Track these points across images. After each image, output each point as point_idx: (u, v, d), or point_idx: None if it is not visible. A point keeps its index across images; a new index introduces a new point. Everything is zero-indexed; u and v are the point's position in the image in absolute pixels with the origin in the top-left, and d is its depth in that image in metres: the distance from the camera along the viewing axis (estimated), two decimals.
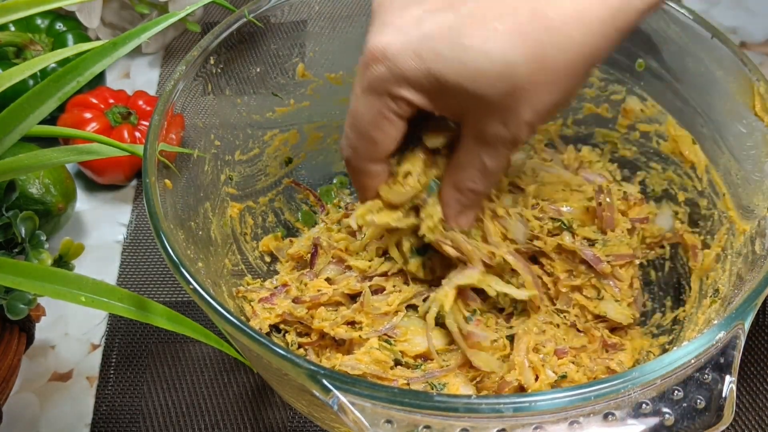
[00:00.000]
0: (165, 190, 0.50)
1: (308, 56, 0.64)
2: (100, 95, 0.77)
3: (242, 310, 0.58)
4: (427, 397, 0.37)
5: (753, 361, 0.62)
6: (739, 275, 0.49)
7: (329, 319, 0.57)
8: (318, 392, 0.38)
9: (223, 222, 0.60)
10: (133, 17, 0.88)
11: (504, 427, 0.37)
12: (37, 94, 0.48)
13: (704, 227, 0.58)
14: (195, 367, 0.64)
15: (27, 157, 0.51)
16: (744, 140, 0.52)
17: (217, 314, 0.42)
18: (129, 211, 0.76)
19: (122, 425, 0.62)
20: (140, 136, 0.75)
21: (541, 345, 0.55)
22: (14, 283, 0.45)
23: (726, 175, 0.55)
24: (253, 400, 0.62)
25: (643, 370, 0.37)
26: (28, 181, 0.67)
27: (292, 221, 0.68)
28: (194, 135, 0.57)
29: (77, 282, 0.46)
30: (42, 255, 0.51)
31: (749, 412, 0.60)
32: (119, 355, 0.66)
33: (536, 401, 0.36)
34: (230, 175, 0.61)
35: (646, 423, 0.37)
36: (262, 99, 0.63)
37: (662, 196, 0.63)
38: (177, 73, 0.54)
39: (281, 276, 0.63)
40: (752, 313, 0.40)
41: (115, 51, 0.50)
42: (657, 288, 0.61)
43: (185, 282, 0.44)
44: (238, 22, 0.58)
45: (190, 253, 0.50)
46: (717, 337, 0.39)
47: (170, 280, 0.70)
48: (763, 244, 0.47)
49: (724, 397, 0.37)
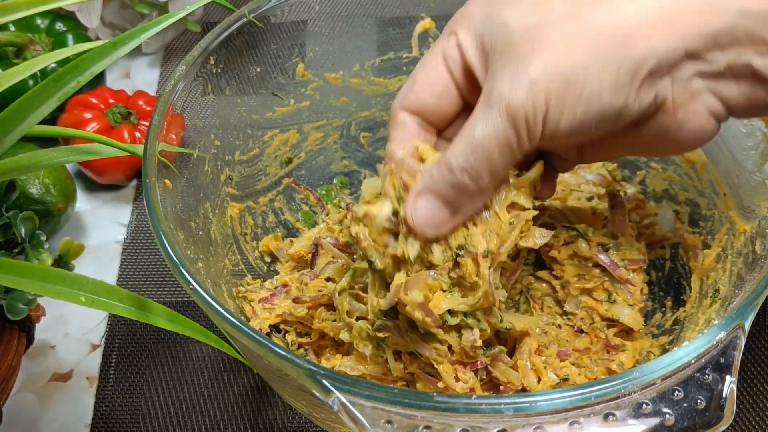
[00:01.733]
0: (165, 190, 0.50)
1: (308, 56, 0.64)
2: (100, 95, 0.77)
3: (242, 311, 0.58)
4: (427, 397, 0.37)
5: (753, 362, 0.62)
6: (739, 275, 0.49)
7: (329, 319, 0.57)
8: (318, 392, 0.38)
9: (223, 222, 0.60)
10: (133, 17, 0.88)
11: (504, 428, 0.37)
12: (37, 94, 0.48)
13: (705, 227, 0.58)
14: (195, 367, 0.64)
15: (27, 157, 0.51)
16: (744, 140, 0.52)
17: (217, 314, 0.42)
18: (129, 211, 0.76)
19: (122, 425, 0.62)
20: (140, 136, 0.75)
21: (543, 347, 0.55)
22: (14, 283, 0.45)
23: (726, 175, 0.55)
24: (253, 400, 0.62)
25: (643, 371, 0.37)
26: (28, 181, 0.67)
27: (292, 221, 0.68)
28: (194, 135, 0.57)
29: (77, 282, 0.46)
30: (42, 255, 0.51)
31: (750, 413, 0.59)
32: (119, 356, 0.66)
33: (537, 401, 0.36)
34: (230, 175, 0.61)
35: (646, 423, 0.37)
36: (262, 99, 0.63)
37: (662, 196, 0.63)
38: (177, 73, 0.54)
39: (281, 276, 0.63)
40: (753, 313, 0.40)
41: (115, 51, 0.50)
42: (657, 288, 0.61)
43: (185, 282, 0.44)
44: (238, 22, 0.58)
45: (190, 253, 0.50)
46: (717, 338, 0.39)
47: (170, 280, 0.70)
48: (763, 244, 0.47)
49: (724, 397, 0.37)
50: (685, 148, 0.44)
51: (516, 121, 0.39)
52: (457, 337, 0.49)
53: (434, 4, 0.64)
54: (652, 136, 0.42)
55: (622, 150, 0.48)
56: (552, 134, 0.40)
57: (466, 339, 0.49)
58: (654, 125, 0.42)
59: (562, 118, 0.39)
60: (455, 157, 0.41)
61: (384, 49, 0.66)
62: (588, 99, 0.39)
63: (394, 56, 0.66)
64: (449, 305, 0.47)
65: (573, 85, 0.38)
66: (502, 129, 0.40)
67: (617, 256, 0.58)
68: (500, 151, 0.40)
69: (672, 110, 0.41)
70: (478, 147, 0.40)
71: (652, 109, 0.40)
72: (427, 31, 0.65)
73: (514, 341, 0.55)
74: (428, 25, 0.64)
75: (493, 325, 0.50)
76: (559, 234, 0.59)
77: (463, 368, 0.50)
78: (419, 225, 0.44)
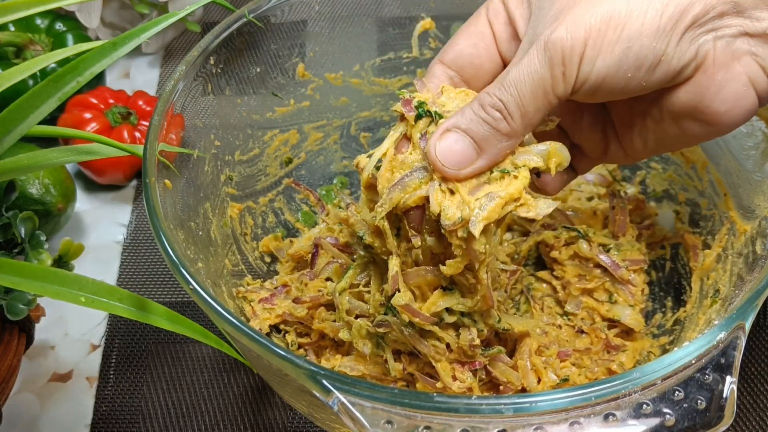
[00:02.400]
0: (165, 190, 0.50)
1: (308, 56, 0.64)
2: (100, 95, 0.77)
3: (242, 311, 0.58)
4: (427, 397, 0.37)
5: (754, 362, 0.62)
6: (739, 275, 0.49)
7: (329, 319, 0.57)
8: (318, 393, 0.38)
9: (223, 222, 0.60)
10: (133, 17, 0.87)
11: (504, 428, 0.37)
12: (37, 94, 0.48)
13: (705, 227, 0.58)
14: (195, 367, 0.64)
15: (27, 157, 0.51)
16: (744, 140, 0.52)
17: (217, 314, 0.42)
18: (129, 212, 0.76)
19: (122, 426, 0.62)
20: (140, 136, 0.75)
21: (544, 347, 0.55)
22: (14, 284, 0.45)
23: (727, 175, 0.55)
24: (253, 400, 0.62)
25: (643, 371, 0.37)
26: (27, 181, 0.67)
27: (292, 221, 0.68)
28: (194, 135, 0.57)
29: (77, 282, 0.46)
30: (42, 255, 0.51)
31: (750, 413, 0.59)
32: (119, 356, 0.66)
33: (537, 402, 0.36)
34: (230, 175, 0.61)
35: (646, 423, 0.37)
36: (262, 99, 0.63)
37: (663, 196, 0.63)
38: (177, 73, 0.54)
39: (281, 276, 0.63)
40: (753, 313, 0.40)
41: (115, 51, 0.50)
42: (658, 288, 0.61)
43: (185, 282, 0.44)
44: (238, 22, 0.58)
45: (190, 253, 0.50)
46: (718, 338, 0.39)
47: (170, 280, 0.70)
48: (764, 244, 0.47)
49: (724, 397, 0.37)
50: (720, 121, 0.41)
51: (553, 58, 0.39)
52: (455, 336, 0.49)
53: (434, 4, 0.64)
54: (686, 103, 0.41)
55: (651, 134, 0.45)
56: (586, 77, 0.39)
57: (464, 338, 0.49)
58: (691, 89, 0.40)
59: (599, 57, 0.39)
60: (488, 95, 0.41)
61: (384, 49, 0.66)
62: (628, 38, 0.38)
63: (394, 56, 0.66)
64: (447, 304, 0.47)
65: (614, 25, 0.38)
66: (537, 65, 0.39)
67: (618, 256, 0.58)
68: (533, 90, 0.40)
69: (712, 69, 0.40)
70: (512, 84, 0.40)
71: (691, 69, 0.40)
72: (427, 31, 0.65)
73: (514, 341, 0.55)
74: (428, 25, 0.64)
75: (491, 325, 0.50)
76: (560, 234, 0.59)
77: (461, 367, 0.50)
78: (441, 159, 0.42)
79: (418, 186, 0.43)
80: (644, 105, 0.43)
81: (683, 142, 0.45)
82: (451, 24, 0.64)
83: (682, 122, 0.43)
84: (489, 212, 0.41)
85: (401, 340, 0.50)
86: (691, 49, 0.39)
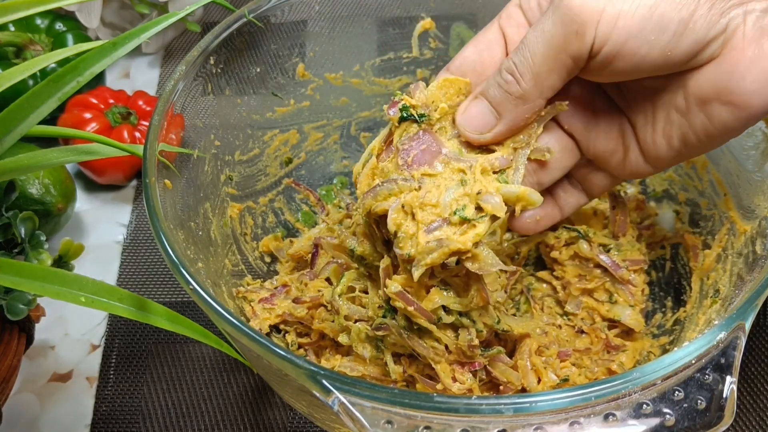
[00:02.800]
0: (165, 190, 0.50)
1: (308, 56, 0.64)
2: (100, 95, 0.77)
3: (242, 311, 0.58)
4: (427, 397, 0.37)
5: (754, 362, 0.62)
6: (739, 275, 0.49)
7: (329, 319, 0.57)
8: (318, 393, 0.38)
9: (223, 222, 0.60)
10: (133, 17, 0.87)
11: (504, 428, 0.37)
12: (37, 94, 0.48)
13: (705, 227, 0.58)
14: (195, 367, 0.64)
15: (27, 157, 0.51)
16: (744, 140, 0.52)
17: (217, 314, 0.42)
18: (129, 212, 0.76)
19: (122, 426, 0.62)
20: (140, 136, 0.75)
21: (544, 347, 0.55)
22: (14, 284, 0.45)
23: (727, 175, 0.55)
24: (253, 400, 0.62)
25: (643, 371, 0.37)
26: (28, 181, 0.67)
27: (292, 221, 0.68)
28: (194, 135, 0.57)
29: (77, 282, 0.46)
30: (42, 255, 0.51)
31: (750, 413, 0.59)
32: (119, 356, 0.66)
33: (537, 402, 0.36)
34: (230, 175, 0.61)
35: (646, 423, 0.37)
36: (262, 99, 0.63)
37: (663, 196, 0.63)
38: (177, 73, 0.54)
39: (281, 276, 0.63)
40: (753, 313, 0.40)
41: (115, 51, 0.50)
42: (658, 288, 0.61)
43: (185, 282, 0.44)
44: (238, 22, 0.58)
45: (190, 253, 0.50)
46: (718, 338, 0.39)
47: (170, 280, 0.70)
48: (764, 244, 0.47)
49: (724, 397, 0.37)
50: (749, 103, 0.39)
51: (565, 16, 0.38)
52: (454, 336, 0.49)
53: (434, 4, 0.64)
54: (714, 83, 0.39)
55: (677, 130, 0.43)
56: (606, 38, 0.38)
57: (463, 338, 0.49)
58: (719, 67, 0.39)
59: (620, 18, 0.38)
60: (506, 59, 0.42)
61: (384, 49, 0.66)
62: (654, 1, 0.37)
63: (394, 56, 0.66)
64: (443, 302, 0.47)
65: None
66: (551, 28, 0.39)
67: (618, 256, 0.58)
68: (545, 51, 0.40)
69: (742, 45, 0.38)
70: (525, 47, 0.40)
71: (719, 44, 0.38)
72: (427, 31, 0.65)
73: (514, 342, 0.55)
74: (428, 25, 0.64)
75: (490, 326, 0.50)
76: (560, 235, 0.59)
77: (461, 368, 0.50)
78: (463, 123, 0.44)
79: (386, 197, 0.45)
80: (668, 95, 0.42)
81: (711, 137, 0.42)
82: (451, 24, 0.65)
83: (709, 108, 0.40)
84: (432, 260, 0.43)
85: (400, 343, 0.50)
86: (722, 22, 0.38)
